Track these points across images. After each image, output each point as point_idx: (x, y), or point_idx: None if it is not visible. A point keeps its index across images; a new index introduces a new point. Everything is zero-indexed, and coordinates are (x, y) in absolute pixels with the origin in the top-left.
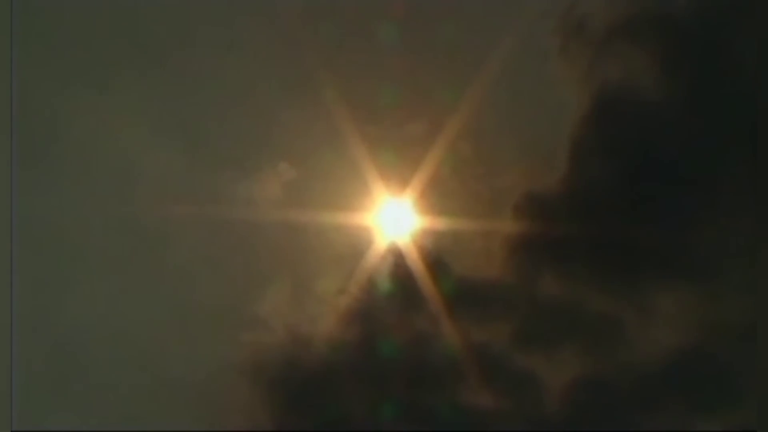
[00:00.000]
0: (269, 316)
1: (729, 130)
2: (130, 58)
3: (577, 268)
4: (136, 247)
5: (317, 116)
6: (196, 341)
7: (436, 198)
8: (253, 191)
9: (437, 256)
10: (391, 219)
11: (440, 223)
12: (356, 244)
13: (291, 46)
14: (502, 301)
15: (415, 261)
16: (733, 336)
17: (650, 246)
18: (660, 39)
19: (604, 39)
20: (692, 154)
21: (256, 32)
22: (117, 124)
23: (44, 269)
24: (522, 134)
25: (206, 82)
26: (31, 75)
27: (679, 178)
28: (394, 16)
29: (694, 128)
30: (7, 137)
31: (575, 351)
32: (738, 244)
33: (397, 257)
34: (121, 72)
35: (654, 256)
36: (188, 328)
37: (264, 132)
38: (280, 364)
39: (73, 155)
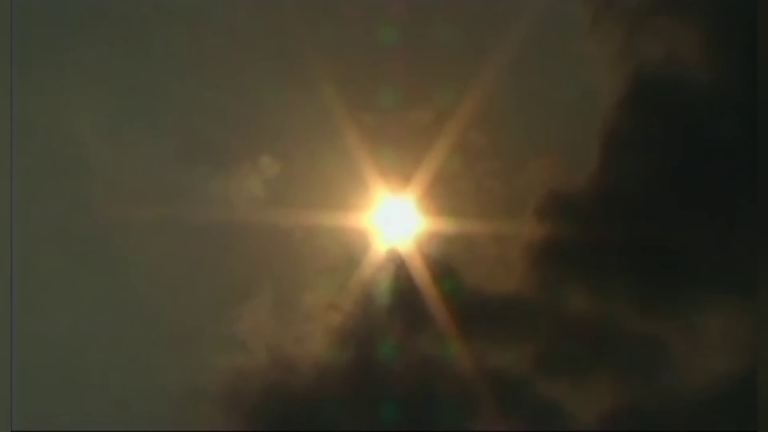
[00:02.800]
0: (248, 335)
1: None
2: (87, 29)
3: (610, 280)
4: (90, 254)
5: (305, 100)
6: (161, 366)
7: (443, 197)
8: (230, 189)
9: (445, 265)
10: (391, 221)
11: (448, 226)
12: (350, 251)
13: (275, 22)
14: (522, 319)
15: (419, 271)
16: None
17: (696, 255)
18: (706, 11)
19: (640, 12)
20: (745, 146)
21: (235, 5)
22: (70, 107)
23: None
24: (545, 123)
25: (176, 60)
26: None
27: (730, 174)
28: None
29: (746, 116)
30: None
31: (608, 378)
32: None
33: (399, 266)
34: (76, 46)
35: (701, 267)
36: (152, 349)
37: (243, 119)
38: (261, 392)
39: (19, 143)
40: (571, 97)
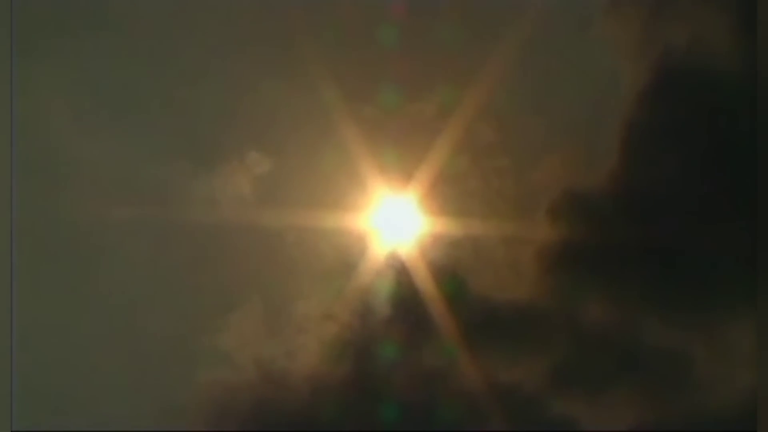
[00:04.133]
0: (234, 348)
1: None
2: (62, 20)
3: (631, 288)
4: (62, 258)
5: (298, 90)
6: (141, 381)
7: (448, 196)
8: (216, 187)
9: (450, 271)
10: (391, 222)
11: (454, 228)
12: (347, 255)
13: (262, 6)
14: (535, 330)
15: (421, 277)
16: None
17: (725, 261)
18: None
19: None
20: None
21: None
22: (42, 99)
23: None
24: (559, 115)
25: (156, 49)
26: None
27: (762, 173)
28: None
29: None
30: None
31: (629, 394)
32: None
33: (399, 272)
34: (50, 37)
35: (730, 274)
36: (128, 364)
37: (229, 111)
38: (248, 411)
39: None
40: (588, 87)
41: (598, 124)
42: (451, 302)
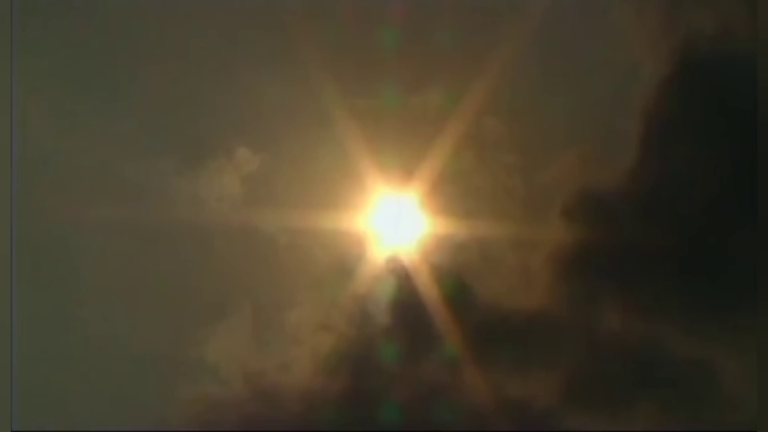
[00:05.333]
0: (221, 361)
1: None
2: (35, 8)
3: (651, 295)
4: (34, 261)
5: (290, 82)
6: (118, 398)
7: (452, 196)
8: (200, 186)
9: (456, 276)
10: (392, 223)
11: (459, 230)
12: (343, 259)
13: None
14: (548, 341)
15: (424, 284)
16: None
17: (754, 266)
18: None
19: None
20: None
21: None
22: (15, 92)
23: None
24: (574, 108)
25: (136, 37)
26: None
27: None
28: None
29: None
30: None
31: (650, 409)
32: None
33: (400, 278)
34: (23, 26)
35: (759, 280)
36: (107, 377)
37: (215, 104)
38: (236, 429)
39: None
40: (605, 77)
41: (615, 118)
42: (456, 311)
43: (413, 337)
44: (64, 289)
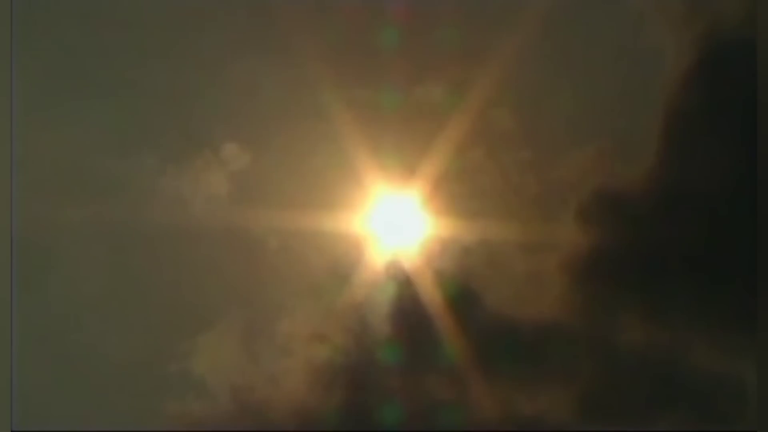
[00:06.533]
0: (207, 374)
1: None
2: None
3: (672, 303)
4: (7, 266)
5: (281, 74)
6: (97, 413)
7: (458, 195)
8: (185, 185)
9: (461, 283)
10: (392, 225)
11: (465, 233)
12: (339, 264)
13: None
14: (561, 352)
15: (427, 290)
16: None
17: None
18: None
19: None
20: None
21: None
22: None
23: None
24: (590, 100)
25: (117, 27)
26: None
27: None
28: None
29: None
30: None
31: (673, 424)
32: None
33: (401, 284)
34: None
35: None
36: (85, 390)
37: (201, 97)
38: None
39: None
40: (624, 67)
41: (634, 111)
42: (462, 319)
43: (415, 348)
44: (39, 295)
